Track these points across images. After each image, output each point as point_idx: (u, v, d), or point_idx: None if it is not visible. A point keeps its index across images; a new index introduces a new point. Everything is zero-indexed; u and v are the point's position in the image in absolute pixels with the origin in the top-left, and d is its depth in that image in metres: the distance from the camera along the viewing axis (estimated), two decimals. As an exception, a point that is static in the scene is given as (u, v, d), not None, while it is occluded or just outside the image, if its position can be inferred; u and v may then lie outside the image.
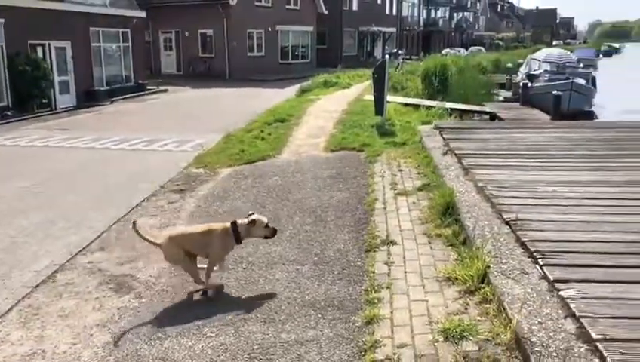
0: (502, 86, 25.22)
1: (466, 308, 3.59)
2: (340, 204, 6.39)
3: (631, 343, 2.76)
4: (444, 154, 7.84)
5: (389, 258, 4.62)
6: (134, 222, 4.55)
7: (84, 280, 4.89)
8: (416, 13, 61.55)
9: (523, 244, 4.21)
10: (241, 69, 29.09)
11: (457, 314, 3.52)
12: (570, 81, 18.10)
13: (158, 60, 31.33)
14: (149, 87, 23.10)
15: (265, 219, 4.49)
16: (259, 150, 9.73)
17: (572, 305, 3.17)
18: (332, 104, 15.88)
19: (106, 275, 4.95)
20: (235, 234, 4.35)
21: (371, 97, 12.53)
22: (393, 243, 4.92)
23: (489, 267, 3.87)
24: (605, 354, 2.67)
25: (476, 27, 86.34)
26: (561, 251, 3.98)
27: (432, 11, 68.30)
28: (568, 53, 24.69)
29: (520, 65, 27.88)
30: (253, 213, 4.52)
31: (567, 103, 16.80)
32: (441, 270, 4.22)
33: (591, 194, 5.49)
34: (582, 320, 3.01)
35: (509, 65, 29.67)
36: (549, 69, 21.01)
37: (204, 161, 9.37)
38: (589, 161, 7.06)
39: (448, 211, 5.34)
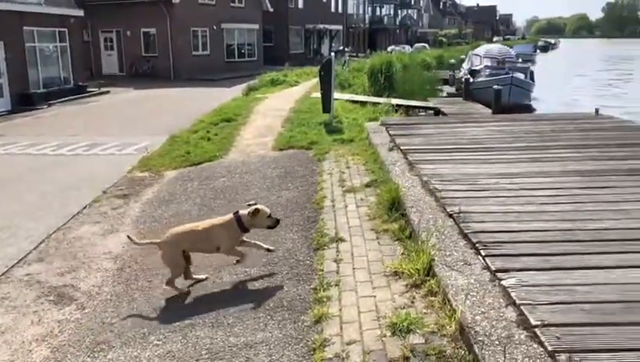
0: (446, 82, 25.84)
1: (412, 302, 3.65)
2: (289, 203, 6.37)
3: (566, 327, 2.87)
4: (391, 150, 7.95)
5: (337, 255, 4.64)
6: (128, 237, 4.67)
7: (21, 293, 4.67)
8: (361, 11, 62.20)
9: (466, 236, 4.31)
10: (186, 69, 28.54)
11: (404, 307, 3.57)
12: (510, 75, 18.75)
13: (98, 61, 30.28)
14: (89, 89, 22.28)
15: (267, 210, 4.51)
16: (205, 151, 9.58)
17: (513, 294, 3.27)
18: (280, 102, 15.82)
19: (45, 287, 4.75)
20: (239, 223, 4.38)
21: (319, 95, 12.57)
22: (342, 240, 4.94)
23: (434, 260, 3.94)
24: (543, 339, 2.78)
25: (420, 24, 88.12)
26: (502, 241, 4.11)
27: (378, 9, 69.21)
28: (508, 48, 25.53)
29: (462, 61, 28.64)
30: (255, 203, 4.52)
31: (508, 97, 17.40)
32: (389, 265, 4.27)
33: (529, 185, 5.69)
34: (522, 307, 3.11)
35: (452, 61, 30.42)
36: (489, 64, 21.68)
37: (148, 165, 9.14)
38: (528, 153, 7.32)
39: (395, 206, 5.41)
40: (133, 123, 14.82)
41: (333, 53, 12.50)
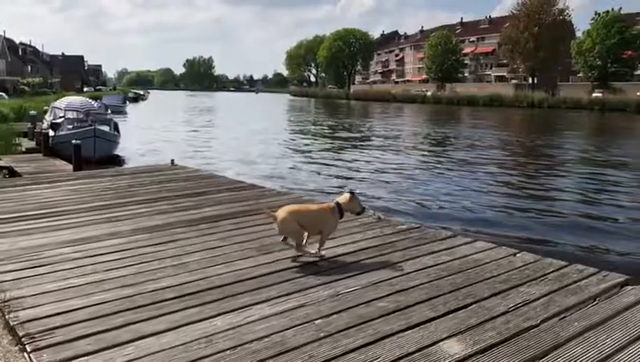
0: (26, 135, 23.44)
1: None
2: None
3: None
4: None
5: None
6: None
7: None
8: None
9: (12, 329, 3.65)
10: None
11: None
12: (93, 128, 18.35)
13: None
14: None
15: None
16: None
17: (58, 394, 2.85)
18: None
19: None
20: (340, 211, 4.79)
21: None
22: None
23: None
24: None
25: (-4, 70, 78.87)
26: (56, 327, 3.61)
27: None
28: (90, 100, 25.05)
29: (47, 112, 26.67)
30: (349, 189, 5.02)
31: (93, 151, 16.92)
32: None
33: (98, 250, 5.36)
34: (65, 409, 2.72)
35: (33, 112, 27.87)
36: (72, 116, 20.74)
37: None
38: (103, 213, 7.03)
39: None
40: None
41: None
